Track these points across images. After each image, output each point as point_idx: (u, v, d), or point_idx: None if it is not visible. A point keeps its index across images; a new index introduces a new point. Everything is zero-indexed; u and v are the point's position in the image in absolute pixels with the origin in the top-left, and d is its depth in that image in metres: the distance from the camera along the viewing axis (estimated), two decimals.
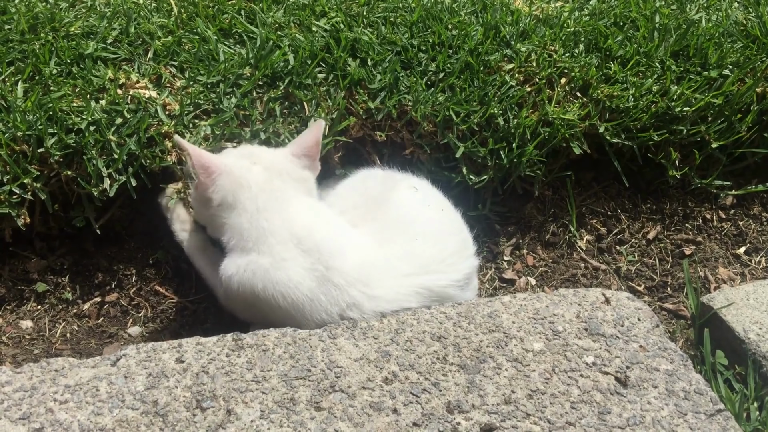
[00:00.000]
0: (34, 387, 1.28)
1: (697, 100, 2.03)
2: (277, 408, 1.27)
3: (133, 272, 1.82)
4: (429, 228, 1.65)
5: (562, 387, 1.35)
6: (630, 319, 1.51)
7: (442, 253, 1.60)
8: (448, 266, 1.59)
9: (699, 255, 2.04)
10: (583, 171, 2.13)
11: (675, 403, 1.34)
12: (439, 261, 1.59)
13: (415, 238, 1.60)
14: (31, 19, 1.96)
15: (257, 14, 2.09)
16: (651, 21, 2.27)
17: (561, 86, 2.02)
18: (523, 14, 2.24)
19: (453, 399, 1.32)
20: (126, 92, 1.80)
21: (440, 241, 1.62)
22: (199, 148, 1.61)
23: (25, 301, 1.74)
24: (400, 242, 1.60)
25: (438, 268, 1.58)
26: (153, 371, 1.33)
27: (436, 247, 1.60)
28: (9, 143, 1.64)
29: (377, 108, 1.90)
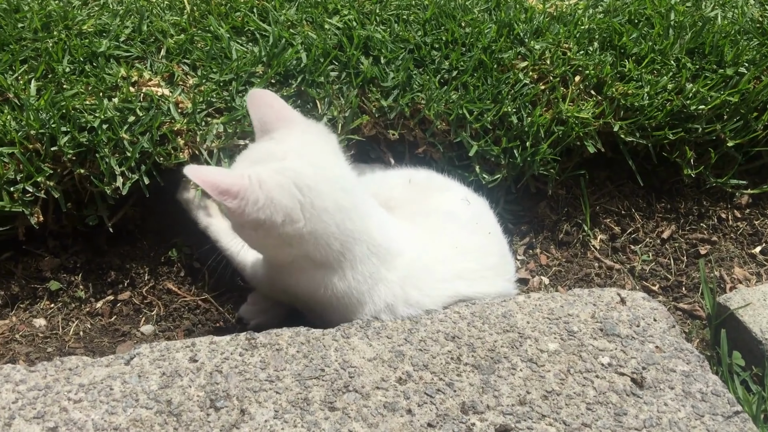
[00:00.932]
0: (48, 386, 1.28)
1: (713, 98, 2.01)
2: (290, 408, 1.27)
3: (145, 270, 1.82)
4: (472, 244, 1.61)
5: (577, 388, 1.34)
6: (646, 320, 1.50)
7: (480, 267, 1.59)
8: (483, 278, 1.58)
9: (714, 255, 2.02)
10: (597, 170, 2.12)
11: (692, 404, 1.33)
12: (474, 270, 1.58)
13: (455, 246, 1.58)
14: (44, 17, 1.96)
15: (270, 12, 2.08)
16: (666, 18, 2.25)
17: (575, 84, 2.00)
18: (536, 12, 2.23)
19: (468, 399, 1.31)
20: (139, 90, 1.80)
21: (480, 258, 1.60)
22: (212, 168, 1.46)
23: (38, 300, 1.74)
24: (440, 248, 1.58)
25: (473, 277, 1.57)
26: (167, 370, 1.32)
27: (476, 261, 1.59)
28: (22, 141, 1.64)
29: (390, 106, 1.89)
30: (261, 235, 1.40)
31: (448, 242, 1.60)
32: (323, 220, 1.39)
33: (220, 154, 1.76)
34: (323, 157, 1.45)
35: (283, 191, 1.36)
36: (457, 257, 1.58)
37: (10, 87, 1.73)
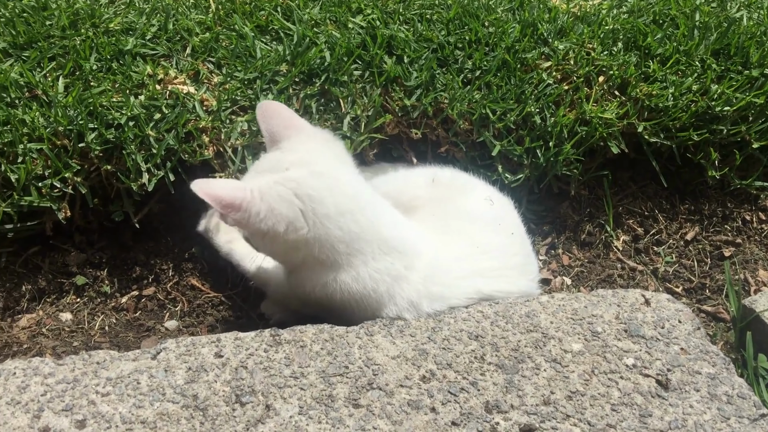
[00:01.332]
0: (76, 379, 1.30)
1: (738, 99, 1.99)
2: (315, 404, 1.28)
3: (170, 266, 1.83)
4: (494, 243, 1.62)
5: (602, 389, 1.34)
6: (670, 321, 1.49)
7: (502, 266, 1.59)
8: (505, 277, 1.59)
9: (738, 257, 2.01)
10: (620, 170, 2.11)
11: (718, 407, 1.32)
12: (495, 269, 1.58)
13: (476, 246, 1.59)
14: (71, 15, 1.98)
15: (294, 11, 2.09)
16: (691, 19, 2.24)
17: (599, 84, 2.00)
18: (560, 12, 2.22)
19: (491, 399, 1.31)
20: (164, 88, 1.81)
21: (502, 257, 1.61)
22: (216, 182, 1.46)
23: (64, 294, 1.76)
24: (462, 246, 1.59)
25: (494, 275, 1.57)
26: (192, 365, 1.34)
27: (497, 260, 1.59)
28: (50, 137, 1.66)
29: (413, 105, 1.89)
30: (268, 242, 1.46)
31: (470, 241, 1.60)
32: (326, 225, 1.43)
33: (244, 152, 1.77)
34: (326, 164, 1.48)
35: (283, 201, 1.40)
36: (478, 256, 1.58)
37: (38, 84, 1.75)
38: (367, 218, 1.48)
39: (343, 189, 1.47)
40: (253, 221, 1.39)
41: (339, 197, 1.45)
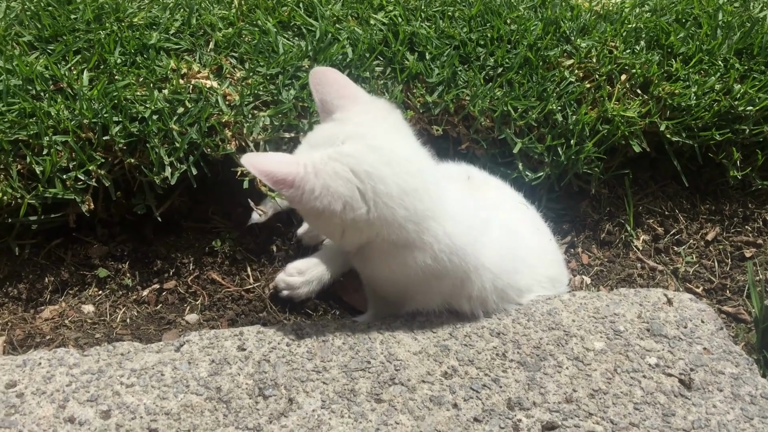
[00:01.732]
0: (101, 370, 1.31)
1: (761, 99, 1.98)
2: (337, 398, 1.28)
3: (190, 260, 1.84)
4: (535, 244, 1.64)
5: (624, 387, 1.34)
6: (693, 321, 1.49)
7: (545, 269, 1.61)
8: (548, 279, 1.61)
9: (760, 258, 1.99)
10: (641, 170, 2.10)
11: (741, 407, 1.31)
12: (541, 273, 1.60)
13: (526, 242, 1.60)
14: (96, 9, 2.00)
15: (316, 7, 2.09)
16: (714, 18, 2.23)
17: (621, 83, 1.99)
18: (583, 10, 2.22)
19: (513, 396, 1.31)
20: (188, 82, 1.82)
21: (545, 258, 1.63)
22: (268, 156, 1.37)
23: (87, 286, 1.77)
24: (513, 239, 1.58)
25: (539, 277, 1.59)
26: (216, 358, 1.34)
27: (539, 261, 1.61)
28: (75, 130, 1.67)
29: (434, 102, 1.89)
30: (324, 221, 1.37)
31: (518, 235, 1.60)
32: (389, 205, 1.33)
33: (266, 147, 1.77)
34: (386, 138, 1.38)
35: (340, 179, 1.31)
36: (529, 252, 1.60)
37: (63, 77, 1.76)
38: (432, 197, 1.39)
39: (404, 165, 1.37)
40: (307, 199, 1.30)
41: (401, 176, 1.35)
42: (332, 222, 1.35)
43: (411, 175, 1.36)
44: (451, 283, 1.44)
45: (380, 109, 1.45)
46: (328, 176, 1.31)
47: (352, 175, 1.32)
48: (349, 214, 1.32)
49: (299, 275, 1.73)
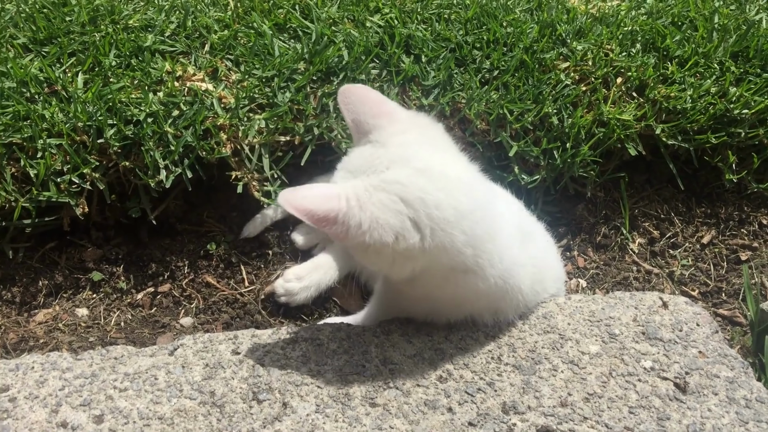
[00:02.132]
0: (94, 374, 1.30)
1: (757, 102, 1.98)
2: (332, 402, 1.28)
3: (185, 263, 1.84)
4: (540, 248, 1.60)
5: (619, 391, 1.33)
6: (688, 324, 1.49)
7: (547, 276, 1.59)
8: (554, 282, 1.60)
9: (755, 261, 1.99)
10: (636, 173, 2.10)
11: (736, 411, 1.31)
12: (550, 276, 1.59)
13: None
14: (91, 12, 1.99)
15: (312, 9, 2.09)
16: (710, 21, 2.23)
17: (617, 86, 1.99)
18: (579, 12, 2.21)
19: (508, 399, 1.31)
20: (183, 85, 1.82)
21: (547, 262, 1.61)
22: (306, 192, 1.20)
23: (81, 290, 1.77)
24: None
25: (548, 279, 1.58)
26: (210, 362, 1.34)
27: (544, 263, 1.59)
28: (70, 133, 1.67)
29: (430, 105, 1.89)
30: (372, 254, 1.24)
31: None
32: (447, 231, 1.23)
33: (261, 150, 1.77)
34: (433, 158, 1.27)
35: (388, 210, 1.20)
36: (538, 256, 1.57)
37: (58, 79, 1.76)
38: (489, 217, 1.31)
39: (457, 186, 1.27)
40: (354, 234, 1.19)
41: (457, 198, 1.25)
42: (382, 254, 1.23)
43: (467, 197, 1.27)
44: (487, 301, 1.41)
45: (421, 126, 1.35)
46: (376, 208, 1.20)
47: (403, 204, 1.21)
48: (401, 244, 1.21)
49: (297, 281, 1.73)
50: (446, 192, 1.23)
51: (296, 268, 1.76)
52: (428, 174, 1.24)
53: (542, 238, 1.66)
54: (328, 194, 1.20)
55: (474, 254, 1.27)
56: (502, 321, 1.47)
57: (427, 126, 1.36)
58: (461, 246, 1.25)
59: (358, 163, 1.29)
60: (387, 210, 1.20)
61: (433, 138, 1.34)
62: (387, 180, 1.22)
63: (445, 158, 1.31)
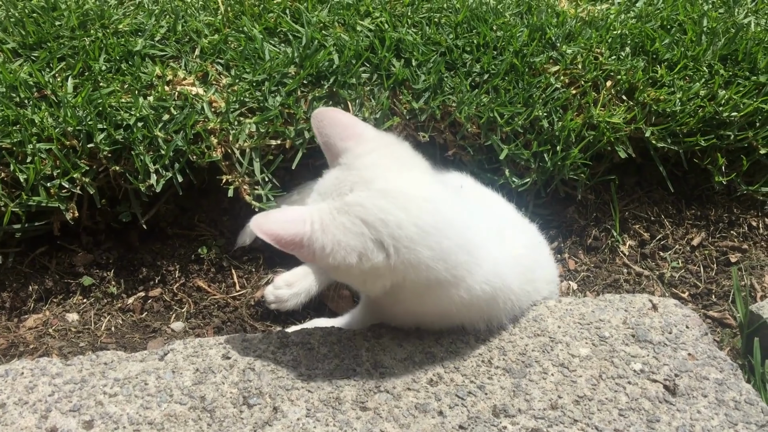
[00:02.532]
0: (84, 379, 1.30)
1: (746, 105, 1.99)
2: (322, 407, 1.28)
3: (176, 268, 1.83)
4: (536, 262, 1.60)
5: (609, 393, 1.34)
6: (678, 327, 1.49)
7: (540, 278, 1.59)
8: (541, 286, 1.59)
9: (745, 263, 2.00)
10: (627, 175, 2.11)
11: (725, 413, 1.32)
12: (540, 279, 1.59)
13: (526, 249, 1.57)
14: (81, 16, 1.99)
15: (302, 13, 2.09)
16: (699, 24, 2.24)
17: (607, 89, 2.00)
18: (568, 16, 2.22)
19: (499, 403, 1.31)
20: (173, 89, 1.82)
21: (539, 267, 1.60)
22: (276, 217, 1.26)
23: (71, 294, 1.76)
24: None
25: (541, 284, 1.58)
26: (200, 367, 1.34)
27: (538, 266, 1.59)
28: (60, 138, 1.66)
29: (421, 108, 1.89)
30: (343, 274, 1.30)
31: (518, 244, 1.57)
32: (412, 248, 1.25)
33: (252, 153, 1.77)
34: (395, 179, 1.30)
35: (350, 233, 1.24)
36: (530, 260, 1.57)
37: (47, 84, 1.76)
38: (459, 230, 1.32)
39: (419, 204, 1.28)
40: (320, 257, 1.23)
41: (418, 215, 1.27)
42: (352, 273, 1.27)
43: (429, 214, 1.29)
44: (479, 310, 1.40)
45: (386, 146, 1.38)
46: (338, 231, 1.24)
47: (364, 226, 1.24)
48: (366, 264, 1.25)
49: (288, 287, 1.73)
50: (407, 211, 1.26)
51: (286, 274, 1.76)
52: (389, 194, 1.27)
53: (531, 238, 1.66)
54: (294, 218, 1.25)
55: (446, 267, 1.29)
56: (495, 326, 1.46)
57: (392, 145, 1.39)
58: (429, 261, 1.27)
59: (327, 186, 1.33)
60: (348, 233, 1.24)
61: (399, 157, 1.37)
62: (349, 203, 1.26)
63: (409, 177, 1.33)
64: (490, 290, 1.36)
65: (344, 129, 1.37)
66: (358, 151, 1.34)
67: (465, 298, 1.33)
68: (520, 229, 1.64)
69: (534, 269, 1.54)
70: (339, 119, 1.38)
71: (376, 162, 1.32)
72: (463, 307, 1.36)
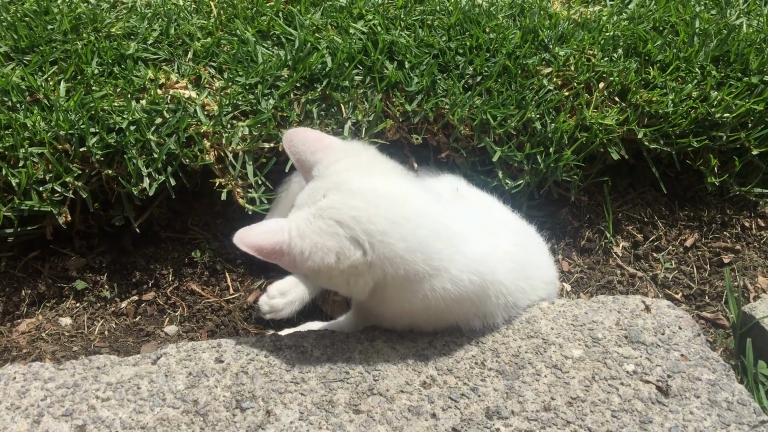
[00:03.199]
0: (76, 384, 1.30)
1: (738, 106, 2.00)
2: (315, 410, 1.28)
3: (169, 271, 1.83)
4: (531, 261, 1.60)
5: (602, 395, 1.34)
6: (671, 328, 1.50)
7: (537, 277, 1.59)
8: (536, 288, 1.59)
9: (738, 263, 2.01)
10: (620, 177, 2.11)
11: (718, 413, 1.32)
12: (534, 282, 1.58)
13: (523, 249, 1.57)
14: (73, 20, 1.99)
15: (295, 16, 2.09)
16: (691, 26, 2.25)
17: (599, 91, 2.00)
18: (561, 18, 2.23)
19: (492, 405, 1.31)
20: (166, 92, 1.81)
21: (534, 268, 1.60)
22: (256, 231, 1.32)
23: (64, 299, 1.76)
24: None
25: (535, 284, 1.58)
26: (193, 370, 1.33)
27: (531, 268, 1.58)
28: (52, 142, 1.66)
29: (414, 111, 1.89)
30: (325, 278, 1.34)
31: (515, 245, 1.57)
32: (386, 242, 1.30)
33: (245, 157, 1.77)
34: (364, 179, 1.36)
35: (325, 234, 1.29)
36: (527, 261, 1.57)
37: (40, 88, 1.75)
38: (433, 220, 1.37)
39: (388, 199, 1.34)
40: (300, 261, 1.29)
41: (388, 209, 1.32)
42: (333, 275, 1.32)
43: (400, 206, 1.34)
44: (470, 304, 1.41)
45: (352, 152, 1.44)
46: (315, 234, 1.29)
47: (338, 226, 1.29)
48: (345, 262, 1.29)
49: (281, 296, 1.73)
50: (377, 206, 1.31)
51: (279, 283, 1.75)
52: (359, 193, 1.33)
53: (526, 237, 1.66)
54: (273, 229, 1.31)
55: (424, 258, 1.32)
56: (491, 324, 1.47)
57: (360, 152, 1.45)
58: (404, 252, 1.31)
59: (304, 198, 1.38)
60: (324, 234, 1.29)
61: (366, 161, 1.42)
62: (322, 207, 1.32)
63: (377, 177, 1.39)
64: (479, 281, 1.37)
65: (313, 143, 1.43)
66: (328, 161, 1.40)
67: (451, 290, 1.35)
68: (514, 229, 1.65)
69: (526, 267, 1.54)
70: (307, 136, 1.44)
71: (346, 168, 1.38)
72: (453, 303, 1.37)
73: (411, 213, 1.34)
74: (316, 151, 1.42)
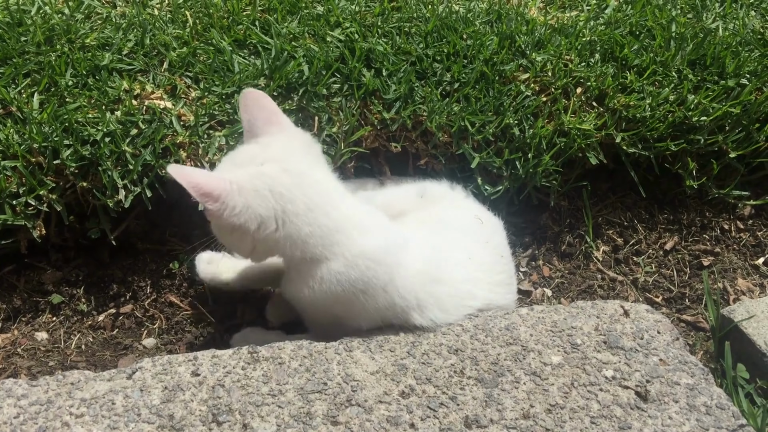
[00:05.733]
0: (50, 400, 1.28)
1: (715, 109, 2.01)
2: (293, 422, 1.26)
3: (147, 283, 1.81)
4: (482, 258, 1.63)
5: (581, 401, 1.34)
6: (650, 332, 1.50)
7: (491, 281, 1.61)
8: (492, 291, 1.60)
9: (717, 266, 2.01)
10: (599, 181, 2.12)
11: (696, 418, 1.32)
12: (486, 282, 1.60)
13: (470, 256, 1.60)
14: (47, 31, 1.97)
15: (272, 25, 2.09)
16: (667, 30, 2.26)
17: (577, 96, 2.00)
18: (538, 24, 2.23)
19: (471, 413, 1.30)
20: (141, 103, 1.80)
21: (490, 273, 1.62)
22: (195, 169, 1.40)
23: (40, 313, 1.74)
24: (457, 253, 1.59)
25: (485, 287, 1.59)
26: (169, 384, 1.32)
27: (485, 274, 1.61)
28: (25, 155, 1.64)
29: (392, 118, 1.89)
30: (236, 238, 1.43)
31: (464, 251, 1.61)
32: (295, 223, 1.41)
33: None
34: (302, 164, 1.46)
35: (259, 198, 1.38)
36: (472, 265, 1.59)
37: (13, 100, 1.73)
38: (339, 211, 1.46)
39: (314, 186, 1.45)
40: (228, 215, 1.36)
41: (310, 195, 1.43)
42: (244, 238, 1.42)
43: (318, 194, 1.44)
44: (382, 294, 1.45)
45: (302, 141, 1.52)
46: (251, 196, 1.38)
47: (270, 194, 1.39)
48: (262, 233, 1.40)
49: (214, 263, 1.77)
50: (302, 189, 1.42)
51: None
52: (292, 173, 1.42)
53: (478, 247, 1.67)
54: (215, 176, 1.40)
55: (323, 243, 1.43)
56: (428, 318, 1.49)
57: (307, 141, 1.53)
58: (306, 236, 1.42)
59: (242, 158, 1.47)
60: (258, 197, 1.39)
61: (308, 151, 1.51)
62: (261, 172, 1.41)
63: (312, 167, 1.49)
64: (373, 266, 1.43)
65: (271, 115, 1.50)
66: (279, 136, 1.48)
67: (344, 272, 1.42)
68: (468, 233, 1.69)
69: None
70: (267, 105, 1.51)
71: (291, 148, 1.48)
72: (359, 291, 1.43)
73: (324, 203, 1.44)
74: (271, 123, 1.50)
